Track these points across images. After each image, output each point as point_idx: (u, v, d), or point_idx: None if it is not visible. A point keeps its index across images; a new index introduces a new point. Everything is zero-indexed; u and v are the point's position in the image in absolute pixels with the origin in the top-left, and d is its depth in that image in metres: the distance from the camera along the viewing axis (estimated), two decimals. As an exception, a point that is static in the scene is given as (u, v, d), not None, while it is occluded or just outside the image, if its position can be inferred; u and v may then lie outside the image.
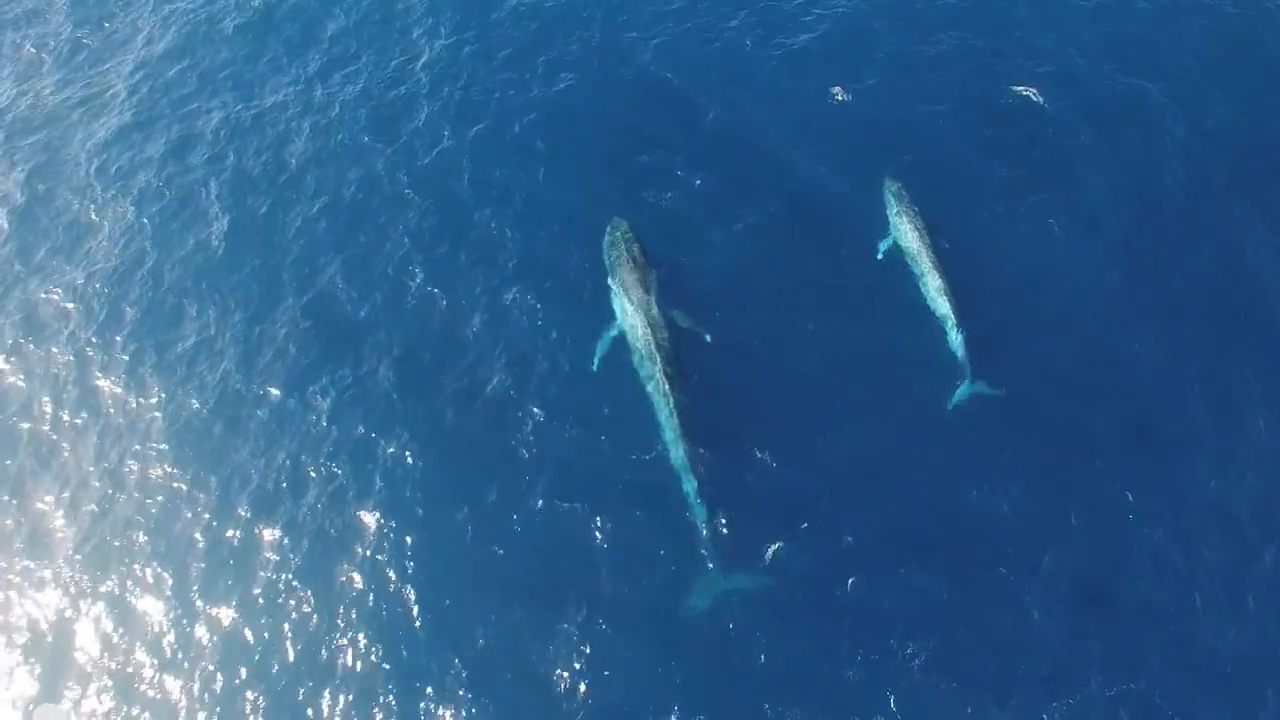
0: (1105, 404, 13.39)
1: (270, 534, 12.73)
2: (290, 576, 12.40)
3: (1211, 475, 12.76)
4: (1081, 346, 13.90)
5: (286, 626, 12.06)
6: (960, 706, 11.21)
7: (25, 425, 14.12)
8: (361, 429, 13.43)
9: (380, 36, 18.71)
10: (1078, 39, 17.58)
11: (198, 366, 14.32)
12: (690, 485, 12.31)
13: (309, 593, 12.27)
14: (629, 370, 13.48)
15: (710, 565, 11.96)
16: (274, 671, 11.79)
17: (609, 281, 14.35)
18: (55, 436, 13.97)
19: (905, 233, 14.62)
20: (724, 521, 12.25)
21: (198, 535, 12.86)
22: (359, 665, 11.72)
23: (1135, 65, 17.13)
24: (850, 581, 11.93)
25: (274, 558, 12.56)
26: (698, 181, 15.74)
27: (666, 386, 12.91)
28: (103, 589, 12.61)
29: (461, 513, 12.64)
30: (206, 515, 12.98)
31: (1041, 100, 16.54)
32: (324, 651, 11.86)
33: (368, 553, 12.47)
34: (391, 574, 12.30)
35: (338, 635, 11.94)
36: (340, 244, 15.46)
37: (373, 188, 16.14)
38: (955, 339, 13.64)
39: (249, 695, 11.69)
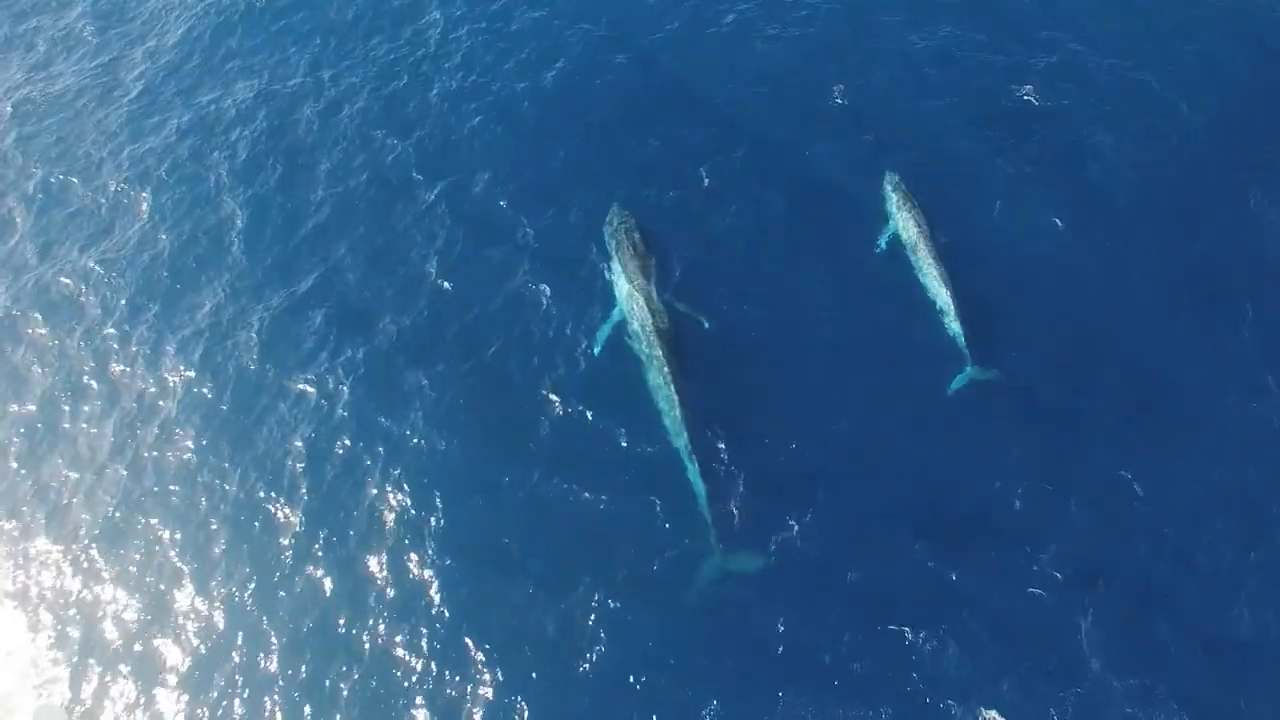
0: (1107, 393, 13.54)
1: (286, 519, 12.93)
2: (307, 561, 12.58)
3: (1216, 462, 12.88)
4: (1083, 336, 14.05)
5: (304, 611, 12.25)
6: (966, 694, 11.27)
7: (42, 413, 14.32)
8: (375, 415, 13.63)
9: (387, 26, 18.86)
10: (1079, 32, 17.71)
11: (212, 352, 14.50)
12: (693, 470, 12.51)
13: (326, 577, 12.46)
14: (636, 356, 13.69)
15: (712, 548, 12.14)
16: (291, 655, 11.97)
17: (610, 267, 14.60)
18: (70, 425, 14.16)
19: (905, 225, 14.82)
20: (727, 506, 12.46)
21: (213, 521, 13.06)
22: (376, 649, 11.90)
23: (1137, 58, 17.28)
24: (854, 568, 12.09)
25: (290, 543, 12.75)
26: (700, 171, 15.91)
27: (668, 372, 13.12)
28: (119, 574, 12.80)
29: (476, 499, 12.84)
30: (221, 503, 13.17)
31: (1042, 94, 16.68)
32: (341, 636, 12.05)
33: (384, 538, 12.66)
34: (407, 558, 12.49)
35: (355, 619, 12.12)
36: (351, 232, 15.65)
37: (382, 177, 16.33)
38: (954, 327, 13.85)
39: (266, 680, 11.85)
